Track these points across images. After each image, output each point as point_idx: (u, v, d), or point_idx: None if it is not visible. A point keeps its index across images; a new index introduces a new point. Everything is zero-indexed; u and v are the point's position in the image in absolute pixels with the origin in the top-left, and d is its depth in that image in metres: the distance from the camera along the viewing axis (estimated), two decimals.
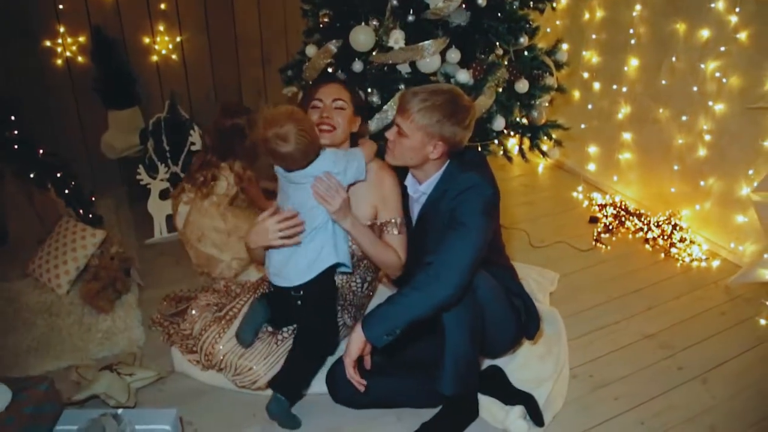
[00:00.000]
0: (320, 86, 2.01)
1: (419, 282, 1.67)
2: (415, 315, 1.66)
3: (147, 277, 2.68)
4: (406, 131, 1.78)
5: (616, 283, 2.70)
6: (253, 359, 1.97)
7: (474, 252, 1.71)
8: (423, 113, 1.75)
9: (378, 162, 2.04)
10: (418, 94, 1.77)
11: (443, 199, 1.83)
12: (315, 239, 1.93)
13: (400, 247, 2.01)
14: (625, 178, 3.34)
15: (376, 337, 1.67)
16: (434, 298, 1.65)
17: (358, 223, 1.95)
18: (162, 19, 3.19)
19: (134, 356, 2.18)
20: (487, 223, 1.77)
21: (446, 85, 1.83)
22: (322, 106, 1.96)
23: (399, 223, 2.01)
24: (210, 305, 2.23)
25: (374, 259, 2.00)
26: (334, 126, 1.94)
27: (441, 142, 1.78)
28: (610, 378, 2.17)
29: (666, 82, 2.94)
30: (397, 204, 2.02)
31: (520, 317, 2.00)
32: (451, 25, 2.40)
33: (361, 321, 1.71)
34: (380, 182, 2.01)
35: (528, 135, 2.67)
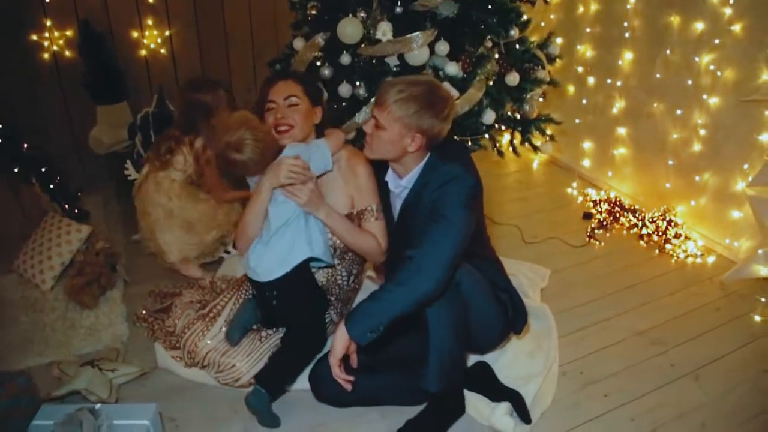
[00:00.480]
0: (271, 86, 1.98)
1: (400, 277, 1.65)
2: (398, 311, 1.64)
3: (133, 273, 2.67)
4: (384, 123, 1.76)
5: (609, 280, 2.68)
6: (236, 356, 1.96)
7: (456, 245, 1.69)
8: (400, 104, 1.73)
9: (349, 150, 2.03)
10: (395, 85, 1.76)
11: (424, 192, 1.81)
12: (286, 234, 1.92)
13: (380, 233, 2.01)
14: (619, 174, 3.32)
15: (359, 335, 1.65)
16: (416, 293, 1.64)
17: (334, 213, 1.95)
18: (150, 13, 3.19)
19: (117, 352, 2.17)
20: (469, 215, 1.75)
21: (424, 77, 1.82)
22: (276, 107, 1.94)
23: (376, 210, 2.01)
24: (193, 302, 2.22)
25: (354, 247, 1.99)
26: (290, 125, 1.92)
27: (419, 134, 1.76)
28: (601, 375, 2.15)
29: (660, 76, 2.93)
30: (373, 190, 2.01)
31: (506, 312, 1.99)
32: (440, 17, 2.39)
33: (344, 319, 1.70)
34: (352, 171, 2.00)
35: (519, 129, 2.66)
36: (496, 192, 3.42)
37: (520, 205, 3.33)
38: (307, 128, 1.97)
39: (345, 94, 2.47)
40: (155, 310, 2.37)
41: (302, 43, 2.59)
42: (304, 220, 1.93)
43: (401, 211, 1.94)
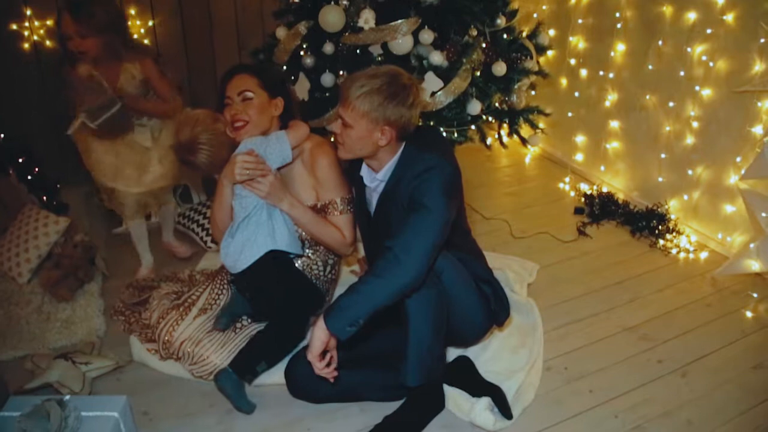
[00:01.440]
0: (227, 81, 1.98)
1: (379, 268, 1.65)
2: (377, 303, 1.63)
3: (112, 266, 2.68)
4: (350, 121, 1.74)
5: (598, 275, 2.68)
6: (210, 348, 1.97)
7: (435, 234, 1.69)
8: (362, 99, 1.71)
9: (314, 142, 2.03)
10: (356, 80, 1.73)
11: (401, 184, 1.80)
12: (249, 227, 1.94)
13: (345, 226, 2.03)
14: (612, 168, 3.32)
15: (339, 330, 1.64)
16: (395, 284, 1.63)
17: (297, 204, 1.96)
18: (134, 3, 3.19)
19: (93, 346, 2.17)
20: (447, 203, 1.74)
21: (385, 67, 1.79)
22: (231, 102, 1.95)
23: (340, 203, 2.02)
24: (169, 293, 2.23)
25: (318, 239, 2.02)
26: (245, 120, 1.93)
27: (387, 126, 1.74)
28: (586, 370, 2.15)
29: (653, 67, 2.93)
30: (336, 183, 2.02)
31: (489, 304, 1.98)
32: (424, 5, 2.38)
33: (323, 314, 1.70)
34: (314, 163, 2.00)
35: (506, 120, 2.66)
36: (486, 186, 3.42)
37: (511, 200, 3.32)
38: (264, 122, 1.97)
39: (328, 83, 2.47)
40: (132, 303, 2.37)
41: (285, 32, 2.59)
42: (267, 213, 1.94)
43: (378, 205, 1.93)
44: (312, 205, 2.01)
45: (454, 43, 2.42)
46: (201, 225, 2.79)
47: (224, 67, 3.46)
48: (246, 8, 3.42)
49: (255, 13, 3.45)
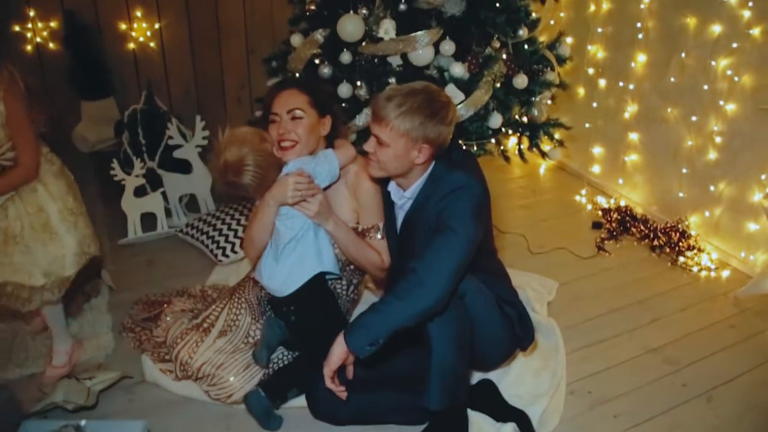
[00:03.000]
0: (274, 97, 1.96)
1: (401, 289, 1.67)
2: (398, 324, 1.66)
3: (119, 279, 2.67)
4: (387, 140, 1.76)
5: (619, 293, 2.70)
6: (231, 371, 1.97)
7: (459, 257, 1.71)
8: (403, 118, 1.72)
9: (359, 163, 2.03)
10: (392, 99, 1.74)
11: (429, 203, 1.82)
12: (296, 249, 1.94)
13: (384, 250, 2.04)
14: (630, 181, 3.34)
15: (358, 348, 1.67)
16: (417, 306, 1.65)
17: (342, 224, 1.97)
18: (140, 4, 3.19)
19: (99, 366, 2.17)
20: (475, 225, 1.77)
21: (418, 84, 1.81)
22: (279, 120, 1.93)
23: (382, 228, 2.03)
24: (185, 311, 2.23)
25: (356, 260, 2.02)
26: (294, 141, 1.91)
27: (426, 144, 1.77)
28: (610, 394, 2.17)
29: (675, 80, 2.95)
30: (379, 208, 2.03)
31: (512, 327, 2.00)
32: (446, 15, 2.40)
33: (343, 331, 1.71)
34: (359, 186, 2.00)
35: (527, 134, 2.68)
36: (500, 198, 3.44)
37: (526, 213, 3.34)
38: (312, 142, 1.96)
39: (345, 94, 2.48)
40: (142, 319, 2.37)
41: (300, 40, 2.60)
42: (314, 233, 1.95)
43: (404, 223, 1.95)
44: (353, 228, 2.02)
45: (475, 55, 2.44)
46: (211, 237, 2.78)
47: (232, 72, 3.53)
48: (255, 11, 3.43)
49: (264, 16, 3.47)
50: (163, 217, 2.98)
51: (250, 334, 2.09)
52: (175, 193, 3.05)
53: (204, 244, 2.79)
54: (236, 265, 2.72)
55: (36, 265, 1.98)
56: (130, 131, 3.07)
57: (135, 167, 2.97)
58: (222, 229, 2.79)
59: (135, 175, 2.97)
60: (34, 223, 1.98)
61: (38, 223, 1.99)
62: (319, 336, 1.95)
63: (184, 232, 2.93)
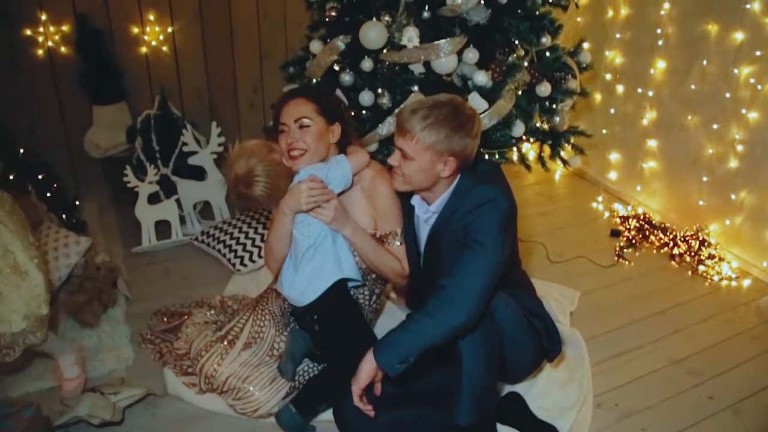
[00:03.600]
0: (282, 107, 1.98)
1: (432, 307, 1.68)
2: (429, 342, 1.67)
3: (134, 288, 2.68)
4: (412, 154, 1.77)
5: (641, 303, 2.71)
6: (257, 384, 1.97)
7: (490, 273, 1.72)
8: (428, 131, 1.73)
9: (374, 169, 2.05)
10: (416, 112, 1.75)
11: (455, 217, 1.83)
12: (314, 257, 1.95)
13: (403, 256, 2.05)
14: (648, 189, 3.36)
15: (389, 366, 1.68)
16: (448, 324, 1.66)
17: (360, 230, 1.98)
18: (152, 7, 3.18)
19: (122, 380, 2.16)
20: (504, 240, 1.78)
21: (443, 96, 1.82)
22: (287, 130, 1.95)
23: (400, 234, 2.04)
24: (209, 323, 2.23)
25: (376, 267, 2.03)
26: (303, 149, 1.93)
27: (452, 157, 1.77)
28: (636, 407, 2.18)
29: (696, 87, 2.96)
30: (397, 214, 2.04)
31: (540, 340, 2.01)
32: (470, 23, 2.40)
33: (372, 347, 1.72)
34: (375, 191, 2.02)
35: (549, 142, 2.69)
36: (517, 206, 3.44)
37: (544, 220, 3.35)
38: (321, 150, 1.97)
39: (366, 102, 2.47)
40: (162, 331, 2.37)
41: (319, 46, 2.59)
42: (332, 240, 1.96)
43: (430, 237, 1.95)
44: (371, 234, 2.03)
45: (499, 63, 2.45)
46: (228, 246, 2.78)
47: (244, 76, 3.53)
48: (268, 15, 3.43)
49: (277, 20, 3.46)
50: (178, 225, 2.98)
51: (274, 347, 2.09)
52: (189, 201, 3.04)
53: (221, 253, 2.79)
54: (255, 274, 2.72)
55: (13, 311, 1.85)
56: (143, 137, 3.07)
57: (148, 174, 2.97)
58: (239, 238, 2.79)
59: (148, 182, 2.96)
60: (3, 266, 1.86)
61: (6, 266, 1.86)
62: (343, 345, 1.97)
63: (200, 240, 2.92)
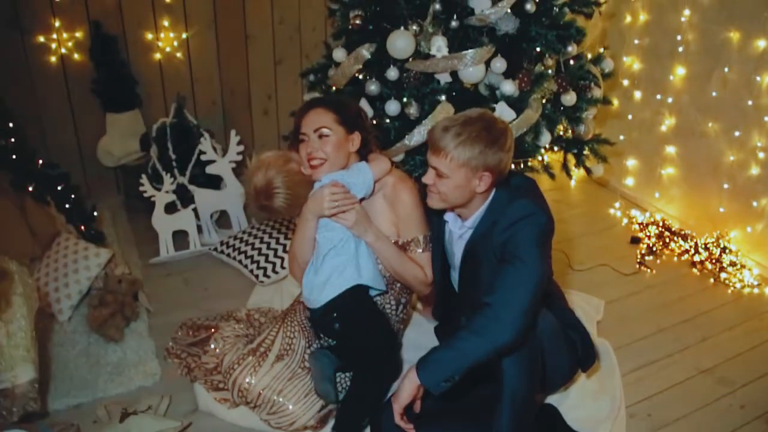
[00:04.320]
0: (302, 117, 2.02)
1: (478, 325, 1.70)
2: (474, 360, 1.69)
3: (155, 301, 2.67)
4: (446, 172, 1.78)
5: (666, 312, 2.75)
6: (292, 398, 1.98)
7: (534, 289, 1.74)
8: (462, 148, 1.75)
9: (396, 176, 2.08)
10: (449, 130, 1.77)
11: (493, 232, 1.84)
12: (335, 259, 1.98)
13: (427, 264, 2.08)
14: (667, 195, 3.39)
15: (433, 384, 1.70)
16: (496, 342, 1.68)
17: (383, 237, 2.01)
18: (167, 14, 3.18)
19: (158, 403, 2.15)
20: (544, 254, 1.81)
21: (474, 111, 1.83)
22: (307, 140, 1.98)
23: (423, 241, 2.07)
24: (240, 336, 2.24)
25: (400, 275, 2.05)
26: (322, 159, 1.96)
27: (487, 173, 1.79)
28: (669, 418, 2.21)
29: (717, 94, 3.01)
30: (419, 220, 2.06)
31: (576, 351, 2.04)
32: (499, 33, 2.43)
33: (415, 365, 1.73)
34: (397, 197, 2.05)
35: (574, 151, 2.72)
36: None
37: (562, 227, 3.37)
38: (341, 159, 2.00)
39: (393, 112, 2.49)
40: (188, 344, 2.37)
41: (343, 54, 2.60)
42: (354, 246, 1.98)
43: (466, 253, 1.96)
44: (393, 242, 2.05)
45: (527, 72, 2.47)
46: (250, 257, 2.79)
47: (258, 83, 3.53)
48: (283, 21, 3.43)
49: (292, 27, 3.47)
50: (196, 235, 2.98)
51: (305, 359, 2.10)
52: (206, 210, 3.04)
53: (242, 264, 2.79)
54: (278, 285, 2.73)
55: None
56: (158, 145, 3.06)
57: (165, 183, 2.96)
58: (261, 249, 2.79)
59: (165, 191, 2.96)
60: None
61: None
62: (366, 343, 1.97)
63: (219, 250, 2.93)
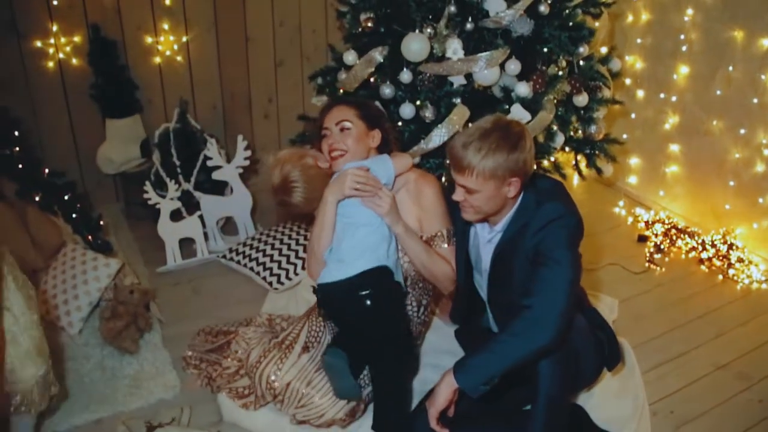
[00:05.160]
0: (325, 114, 2.13)
1: (519, 327, 1.74)
2: (513, 362, 1.73)
3: (165, 311, 2.66)
4: (475, 187, 1.81)
5: (678, 309, 2.82)
6: (319, 389, 2.01)
7: (570, 290, 1.79)
8: (487, 161, 1.77)
9: (417, 173, 2.17)
10: (468, 147, 1.78)
11: (525, 235, 1.88)
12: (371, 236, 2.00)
13: (451, 258, 2.13)
14: (671, 193, 3.48)
15: (472, 387, 1.73)
16: (536, 344, 1.72)
17: (410, 230, 2.06)
18: (167, 17, 3.17)
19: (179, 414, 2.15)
20: (576, 255, 1.86)
21: (487, 121, 1.85)
22: (329, 133, 2.09)
23: (446, 235, 2.12)
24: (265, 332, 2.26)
25: (427, 270, 2.09)
26: (343, 150, 2.05)
27: (515, 177, 1.83)
28: (691, 414, 2.27)
29: (721, 93, 3.09)
30: (442, 214, 2.12)
31: (603, 350, 2.09)
32: (514, 35, 2.47)
33: (451, 369, 1.76)
34: (420, 191, 2.12)
35: (586, 151, 2.78)
36: None
37: None
38: (361, 152, 2.08)
39: (407, 115, 2.51)
40: (206, 350, 2.37)
41: (354, 57, 2.62)
42: (388, 231, 2.02)
43: (497, 256, 2.00)
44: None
45: (541, 74, 2.52)
46: (262, 263, 2.79)
47: (259, 86, 3.54)
48: (284, 23, 3.44)
49: (293, 28, 3.48)
50: (203, 242, 2.97)
51: None
52: (212, 217, 3.04)
53: (254, 270, 2.79)
54: (292, 292, 2.73)
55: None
56: (161, 151, 3.05)
57: (169, 190, 2.94)
58: (273, 255, 2.79)
59: (170, 198, 2.94)
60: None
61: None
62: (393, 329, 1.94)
63: (228, 257, 2.92)
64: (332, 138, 2.07)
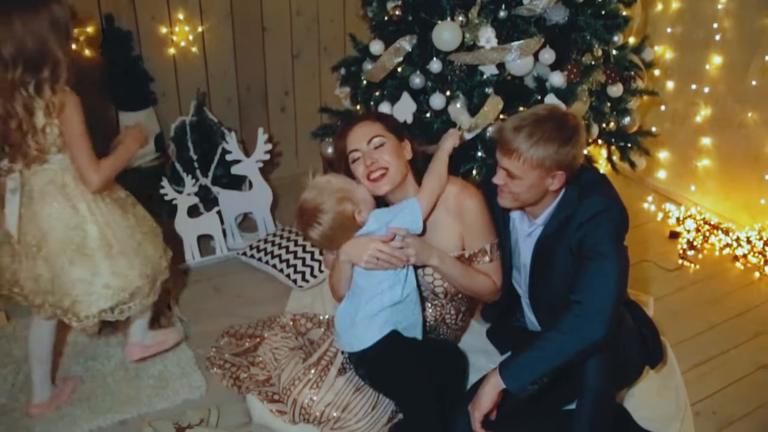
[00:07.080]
0: (346, 136, 1.99)
1: (569, 324, 1.74)
2: (564, 360, 1.74)
3: (187, 310, 2.67)
4: (518, 173, 1.81)
5: (715, 307, 2.83)
6: (357, 413, 2.00)
7: (618, 284, 1.80)
8: (536, 149, 1.77)
9: (457, 185, 2.05)
10: (520, 130, 1.78)
11: (567, 229, 1.88)
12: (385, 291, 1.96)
13: (495, 272, 2.09)
14: (703, 188, 3.48)
15: (520, 388, 1.74)
16: (588, 340, 1.73)
17: (446, 257, 2.00)
18: (182, 6, 3.17)
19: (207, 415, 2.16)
20: (623, 247, 1.87)
21: (542, 109, 1.86)
22: (361, 155, 1.95)
23: (490, 250, 2.07)
24: (294, 349, 2.23)
25: (467, 289, 2.07)
26: (385, 167, 1.93)
27: (560, 171, 1.82)
28: (734, 415, 2.28)
29: (756, 83, 3.10)
30: (485, 229, 2.06)
31: (647, 348, 2.11)
32: (548, 23, 2.48)
33: (497, 370, 1.77)
34: (462, 207, 2.03)
35: (621, 144, 2.79)
36: None
37: None
38: (402, 167, 1.97)
39: (438, 105, 2.52)
40: (232, 354, 2.37)
41: (380, 47, 2.62)
42: (400, 289, 1.97)
43: (537, 251, 2.00)
44: (458, 255, 2.05)
45: (576, 63, 2.53)
46: (285, 261, 2.79)
47: (275, 78, 3.54)
48: (301, 12, 3.45)
49: (311, 18, 3.48)
50: (222, 239, 2.98)
51: None
52: (231, 213, 3.05)
53: (277, 268, 2.80)
54: (318, 289, 2.73)
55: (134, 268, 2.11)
56: (177, 145, 3.06)
57: (186, 185, 2.95)
58: (296, 252, 2.80)
59: (187, 194, 2.95)
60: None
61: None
62: (401, 395, 1.98)
63: (248, 254, 2.93)
64: (367, 158, 1.93)
